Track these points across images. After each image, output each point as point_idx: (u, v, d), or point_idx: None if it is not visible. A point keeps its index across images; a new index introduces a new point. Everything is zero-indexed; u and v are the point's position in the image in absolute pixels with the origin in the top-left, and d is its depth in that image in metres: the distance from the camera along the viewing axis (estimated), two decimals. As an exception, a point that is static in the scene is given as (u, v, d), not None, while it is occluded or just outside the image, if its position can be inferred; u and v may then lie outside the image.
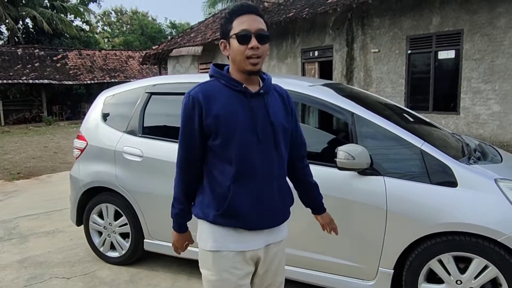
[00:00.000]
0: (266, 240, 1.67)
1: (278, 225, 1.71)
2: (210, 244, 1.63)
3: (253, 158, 1.58)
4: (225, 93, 1.60)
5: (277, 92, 1.74)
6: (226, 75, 1.63)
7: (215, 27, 16.09)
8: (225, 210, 1.59)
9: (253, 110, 1.59)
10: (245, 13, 1.57)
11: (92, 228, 3.71)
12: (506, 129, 8.01)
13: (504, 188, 2.35)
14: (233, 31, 1.56)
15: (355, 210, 2.61)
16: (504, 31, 7.84)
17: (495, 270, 2.31)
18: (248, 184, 1.59)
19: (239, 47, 1.55)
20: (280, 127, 1.65)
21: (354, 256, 2.66)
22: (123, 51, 29.04)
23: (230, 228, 1.61)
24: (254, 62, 1.56)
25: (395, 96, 9.64)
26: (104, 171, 3.52)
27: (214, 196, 1.62)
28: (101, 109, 3.76)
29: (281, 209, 1.70)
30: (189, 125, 1.60)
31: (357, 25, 10.50)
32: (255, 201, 1.60)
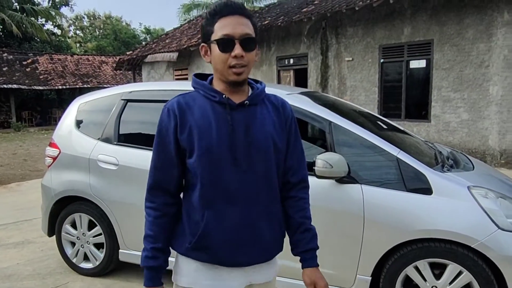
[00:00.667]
0: (247, 280, 1.42)
1: (263, 262, 1.43)
2: (182, 278, 1.43)
3: (230, 181, 1.34)
4: (202, 104, 1.38)
5: (271, 103, 1.46)
6: (204, 85, 1.41)
7: (190, 33, 16.04)
8: (196, 242, 1.37)
9: (232, 125, 1.35)
10: (228, 14, 1.32)
11: (64, 238, 3.60)
12: (474, 136, 8.29)
13: (476, 195, 2.42)
14: (214, 35, 1.33)
15: (333, 218, 2.63)
16: (471, 42, 8.14)
17: (469, 275, 2.37)
18: (224, 211, 1.35)
19: (220, 54, 1.32)
20: (264, 146, 1.38)
21: (332, 264, 2.68)
22: (96, 56, 28.54)
23: (203, 263, 1.39)
24: (238, 71, 1.33)
25: (369, 104, 9.84)
26: (77, 179, 3.42)
27: (189, 225, 1.40)
28: (75, 116, 3.67)
29: (268, 242, 1.42)
30: (164, 139, 1.38)
31: (331, 34, 10.69)
32: (233, 231, 1.35)
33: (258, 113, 1.40)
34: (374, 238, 2.54)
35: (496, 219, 2.36)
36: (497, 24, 7.77)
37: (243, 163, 1.35)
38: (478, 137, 8.23)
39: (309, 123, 2.95)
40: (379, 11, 9.41)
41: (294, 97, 3.03)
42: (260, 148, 1.37)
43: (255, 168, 1.37)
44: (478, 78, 8.14)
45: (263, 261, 1.43)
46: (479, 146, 8.21)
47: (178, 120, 1.36)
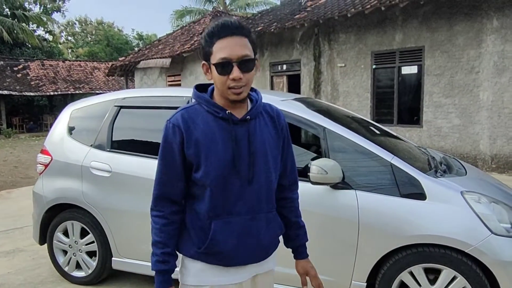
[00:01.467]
0: (253, 271, 1.53)
1: (264, 259, 1.55)
2: (190, 278, 1.49)
3: (235, 193, 1.43)
4: (206, 119, 1.43)
5: (267, 114, 1.54)
6: (208, 100, 1.45)
7: (183, 39, 16.05)
8: (206, 248, 1.44)
9: (236, 139, 1.42)
10: (226, 36, 1.35)
11: (56, 246, 3.55)
12: (465, 141, 8.37)
13: (470, 201, 2.44)
14: (213, 58, 1.37)
15: (328, 224, 2.62)
16: (462, 49, 8.24)
17: (464, 280, 2.38)
18: (230, 220, 1.44)
19: (219, 77, 1.37)
20: (264, 157, 1.47)
21: (327, 270, 2.67)
22: (88, 62, 28.42)
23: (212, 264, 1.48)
24: (237, 92, 1.38)
25: (361, 110, 9.90)
26: (70, 187, 3.39)
27: (195, 232, 1.47)
28: (67, 123, 3.64)
29: (269, 243, 1.53)
30: (170, 154, 1.43)
31: (324, 40, 10.76)
32: (239, 237, 1.45)
33: (257, 126, 1.48)
34: (369, 244, 2.54)
35: (489, 224, 2.38)
36: (486, 31, 7.88)
37: (247, 175, 1.44)
38: (469, 142, 8.31)
39: (303, 129, 2.95)
40: (371, 18, 9.51)
41: (288, 103, 3.04)
42: (261, 160, 1.47)
43: (258, 179, 1.46)
44: (468, 84, 8.23)
45: (265, 258, 1.56)
46: (470, 151, 8.29)
47: (184, 135, 1.41)
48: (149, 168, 3.02)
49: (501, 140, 7.85)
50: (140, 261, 3.18)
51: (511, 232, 2.41)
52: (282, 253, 1.70)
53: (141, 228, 3.11)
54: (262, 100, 1.53)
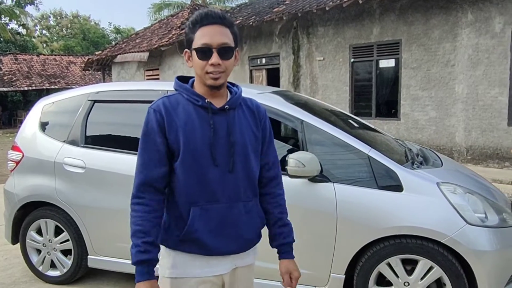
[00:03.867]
0: (233, 263, 1.53)
1: (244, 251, 1.55)
2: (169, 270, 1.48)
3: (213, 181, 1.45)
4: (186, 108, 1.47)
5: (247, 107, 1.57)
6: (188, 89, 1.50)
7: (161, 33, 15.81)
8: (185, 237, 1.45)
9: (214, 128, 1.45)
10: (208, 24, 1.42)
11: (29, 246, 3.45)
12: (441, 134, 8.52)
13: (445, 192, 2.47)
14: (194, 43, 1.43)
15: (306, 218, 2.62)
16: (438, 42, 8.36)
17: (440, 270, 2.41)
18: (209, 208, 1.45)
19: (199, 62, 1.42)
20: (243, 147, 1.49)
21: (306, 263, 2.66)
22: (63, 56, 27.72)
23: (192, 254, 1.47)
24: (215, 77, 1.43)
25: (340, 103, 9.96)
26: (42, 184, 3.29)
27: (173, 219, 1.48)
28: (39, 118, 3.52)
29: (248, 234, 1.54)
30: (152, 140, 1.44)
31: (303, 33, 10.76)
32: (218, 226, 1.46)
33: (236, 117, 1.52)
34: (347, 236, 2.54)
35: (465, 214, 2.41)
36: (461, 25, 8.01)
37: (226, 164, 1.46)
38: (445, 134, 8.46)
39: (281, 122, 2.93)
40: (349, 11, 9.54)
41: (265, 96, 3.01)
42: (240, 150, 1.49)
43: (237, 169, 1.48)
44: (444, 77, 8.36)
45: (246, 250, 1.56)
46: (446, 143, 8.44)
47: (166, 121, 1.44)
48: (125, 164, 2.96)
49: (476, 132, 8.02)
50: (117, 258, 3.12)
51: (485, 222, 2.45)
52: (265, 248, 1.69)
53: (118, 225, 3.05)
54: (242, 93, 1.57)
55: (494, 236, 2.43)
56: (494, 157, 7.83)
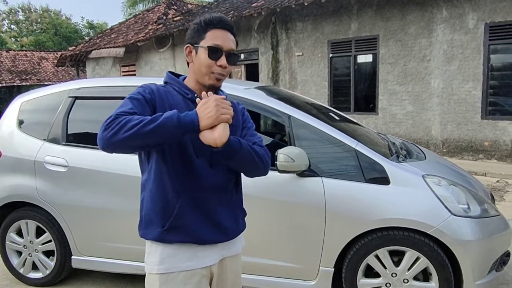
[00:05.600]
0: (221, 254, 1.56)
1: (230, 240, 1.59)
2: (157, 266, 1.48)
3: (199, 172, 1.48)
4: (175, 98, 1.51)
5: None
6: (180, 82, 1.55)
7: (137, 28, 15.53)
8: (171, 224, 1.46)
9: None
10: (221, 28, 1.49)
11: (9, 248, 3.34)
12: (418, 127, 8.71)
13: (431, 184, 2.53)
14: (205, 41, 1.47)
15: (295, 212, 2.63)
16: (414, 37, 8.53)
17: (426, 260, 2.47)
18: (194, 197, 1.48)
19: (207, 60, 1.47)
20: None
21: (295, 257, 2.69)
22: (34, 52, 26.86)
23: (179, 245, 1.48)
24: (219, 77, 1.50)
25: (319, 98, 10.04)
26: (22, 184, 3.19)
27: (158, 210, 1.48)
28: (17, 116, 3.40)
29: (231, 223, 1.58)
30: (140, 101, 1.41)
31: (281, 29, 10.77)
32: (203, 214, 1.49)
33: None
34: (336, 230, 2.57)
35: (449, 206, 2.48)
36: (437, 21, 8.19)
37: (203, 157, 1.49)
38: (422, 128, 8.66)
39: (268, 117, 2.93)
40: (327, 6, 9.61)
41: (252, 92, 3.00)
42: None
43: (218, 163, 1.51)
44: (420, 72, 8.54)
45: (229, 239, 1.58)
46: (423, 136, 8.64)
47: (156, 100, 1.46)
48: (109, 161, 2.90)
49: (451, 126, 8.24)
50: (102, 258, 3.06)
51: (468, 212, 2.53)
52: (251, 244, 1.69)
53: (102, 224, 2.99)
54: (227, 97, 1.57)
55: (477, 226, 2.51)
56: (469, 149, 8.07)
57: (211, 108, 1.31)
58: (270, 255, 2.71)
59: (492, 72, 7.73)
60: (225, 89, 2.93)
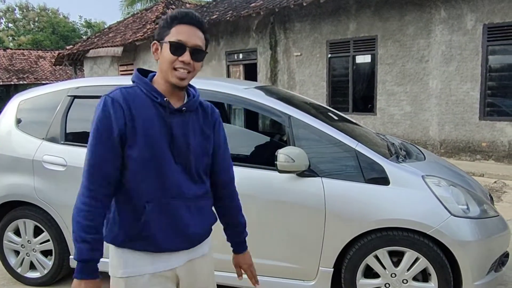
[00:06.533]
0: (186, 257, 1.53)
1: (195, 246, 1.56)
2: (121, 270, 1.46)
3: (169, 178, 1.45)
4: (145, 103, 1.44)
5: (202, 109, 1.58)
6: (147, 83, 1.47)
7: (135, 27, 15.50)
8: (138, 233, 1.43)
9: (172, 127, 1.45)
10: (187, 23, 1.43)
11: (7, 247, 3.33)
12: (416, 128, 8.73)
13: (430, 184, 2.53)
14: (168, 37, 1.42)
15: (294, 212, 2.63)
16: (412, 38, 8.54)
17: (425, 261, 2.48)
18: (163, 205, 1.44)
19: (169, 56, 1.41)
20: (197, 149, 1.51)
21: (295, 257, 2.69)
22: (32, 51, 26.77)
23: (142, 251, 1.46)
24: (181, 76, 1.43)
25: (317, 98, 10.04)
26: (20, 183, 3.17)
27: (125, 216, 1.44)
28: (15, 115, 3.39)
29: (199, 231, 1.55)
30: (108, 130, 1.38)
31: (280, 29, 10.77)
32: (171, 223, 1.46)
33: (192, 119, 1.52)
34: (336, 230, 2.57)
35: (449, 206, 2.48)
36: (435, 21, 8.20)
37: (180, 163, 1.47)
38: (419, 128, 8.67)
39: (268, 117, 2.92)
40: (326, 7, 9.61)
41: (251, 92, 3.00)
42: (193, 151, 1.50)
43: (190, 169, 1.50)
44: (419, 73, 8.56)
45: (194, 245, 1.56)
46: (420, 137, 8.65)
47: (125, 112, 1.39)
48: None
49: (449, 126, 8.26)
50: (100, 258, 3.05)
51: (467, 213, 2.53)
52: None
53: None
54: (199, 96, 1.58)
55: (476, 226, 2.52)
56: (466, 150, 8.09)
57: None
58: (269, 255, 2.71)
59: (490, 73, 7.75)
60: (227, 89, 2.96)
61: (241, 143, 3.19)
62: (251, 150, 3.15)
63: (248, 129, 4.85)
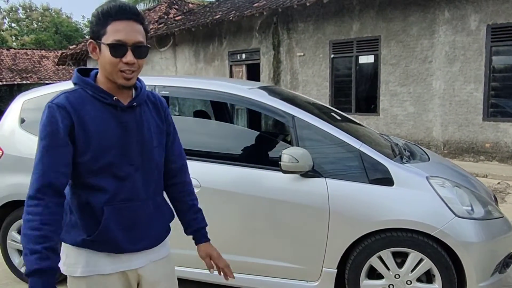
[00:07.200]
0: (147, 259, 1.52)
1: (157, 245, 1.55)
2: (80, 269, 1.42)
3: (126, 179, 1.43)
4: (93, 105, 1.39)
5: (150, 101, 1.54)
6: (93, 85, 1.40)
7: (138, 27, 15.50)
8: (97, 236, 1.40)
9: (125, 126, 1.41)
10: (122, 19, 1.33)
11: (10, 246, 3.33)
12: (419, 128, 8.71)
13: (435, 185, 2.52)
14: (106, 38, 1.33)
15: (298, 213, 2.62)
16: (416, 39, 8.52)
17: (429, 262, 2.46)
18: (122, 207, 1.42)
19: (111, 59, 1.34)
20: (151, 143, 1.49)
21: (298, 258, 2.68)
22: (35, 50, 26.84)
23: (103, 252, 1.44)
24: (128, 77, 1.37)
25: (320, 99, 10.03)
26: (24, 182, 3.11)
27: (83, 218, 1.41)
28: (19, 114, 3.40)
29: (159, 229, 1.56)
30: (55, 138, 1.32)
31: (283, 29, 10.77)
32: (130, 224, 1.44)
33: (143, 113, 1.48)
34: (340, 231, 2.56)
35: (453, 207, 2.47)
36: (439, 22, 8.19)
37: (136, 161, 1.45)
38: (423, 129, 8.65)
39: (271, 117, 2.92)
40: (329, 7, 9.60)
41: (255, 92, 3.00)
42: (149, 147, 1.48)
43: (146, 165, 1.48)
44: (422, 73, 8.54)
45: (157, 244, 1.55)
46: (424, 137, 8.64)
47: (73, 118, 1.34)
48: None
49: (452, 127, 8.23)
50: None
51: (472, 214, 2.52)
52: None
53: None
54: (146, 88, 1.54)
55: (481, 228, 2.50)
56: (470, 151, 8.06)
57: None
58: (273, 255, 2.71)
59: (493, 74, 7.73)
60: (231, 89, 2.96)
61: (245, 144, 3.19)
62: (254, 151, 3.14)
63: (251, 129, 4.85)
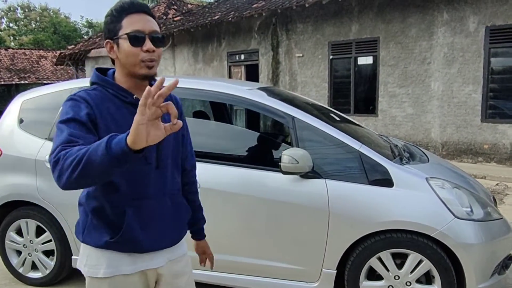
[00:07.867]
0: (166, 257, 1.53)
1: (175, 244, 1.56)
2: (103, 270, 1.43)
3: (145, 178, 1.43)
4: (113, 103, 1.39)
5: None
6: (113, 84, 1.42)
7: (137, 27, 15.51)
8: (121, 237, 1.40)
9: None
10: (136, 12, 1.38)
11: (8, 247, 3.32)
12: (418, 130, 8.72)
13: (434, 186, 2.52)
14: (123, 30, 1.36)
15: (298, 213, 2.62)
16: (414, 40, 8.53)
17: (429, 263, 2.47)
18: (142, 207, 1.43)
19: (131, 49, 1.35)
20: (169, 142, 1.47)
21: (298, 259, 2.68)
22: (33, 50, 26.79)
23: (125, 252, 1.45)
24: (150, 65, 1.37)
25: (319, 100, 10.03)
26: (23, 183, 3.17)
27: (105, 220, 1.42)
28: (18, 114, 3.39)
29: (177, 228, 1.57)
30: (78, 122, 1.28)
31: (282, 30, 10.78)
32: (150, 222, 1.45)
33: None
34: (339, 232, 2.56)
35: (453, 208, 2.47)
36: (437, 23, 8.20)
37: (155, 160, 1.44)
38: (421, 130, 8.66)
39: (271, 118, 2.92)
40: (328, 8, 9.61)
41: (255, 93, 2.99)
42: (166, 145, 1.48)
43: (164, 164, 1.48)
44: (421, 74, 8.55)
45: (177, 243, 1.57)
46: (422, 138, 8.65)
47: (96, 112, 1.33)
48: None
49: (451, 128, 8.25)
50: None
51: (471, 215, 2.52)
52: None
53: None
54: None
55: (480, 229, 2.51)
56: (468, 152, 8.07)
57: (138, 116, 1.09)
58: (272, 256, 2.71)
59: (492, 76, 7.74)
60: (230, 90, 2.96)
61: (244, 144, 3.19)
62: (254, 151, 3.14)
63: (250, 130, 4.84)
